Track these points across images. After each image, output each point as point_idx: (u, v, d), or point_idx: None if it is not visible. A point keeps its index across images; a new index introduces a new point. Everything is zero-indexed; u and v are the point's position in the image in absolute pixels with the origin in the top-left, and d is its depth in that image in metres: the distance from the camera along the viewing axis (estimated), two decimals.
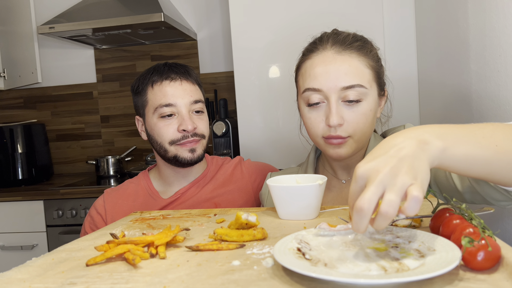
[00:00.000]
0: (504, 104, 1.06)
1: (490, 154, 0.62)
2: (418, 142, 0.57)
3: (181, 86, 1.15)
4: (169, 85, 1.15)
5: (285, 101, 1.92)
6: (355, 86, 0.91)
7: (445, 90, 1.55)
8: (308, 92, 0.95)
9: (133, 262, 0.59)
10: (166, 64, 1.20)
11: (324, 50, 0.96)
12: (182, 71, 1.18)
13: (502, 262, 0.51)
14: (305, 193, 0.79)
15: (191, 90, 1.16)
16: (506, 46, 1.03)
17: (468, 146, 0.61)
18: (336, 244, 0.61)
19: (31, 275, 0.59)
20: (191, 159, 1.16)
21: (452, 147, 0.59)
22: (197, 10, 2.53)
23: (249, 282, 0.51)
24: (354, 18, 1.82)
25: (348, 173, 1.05)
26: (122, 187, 1.27)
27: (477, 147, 0.61)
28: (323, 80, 0.92)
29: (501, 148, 0.62)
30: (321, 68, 0.93)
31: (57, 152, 2.74)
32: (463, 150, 0.60)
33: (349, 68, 0.92)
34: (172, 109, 1.14)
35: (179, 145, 1.15)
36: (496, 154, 0.62)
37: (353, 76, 0.92)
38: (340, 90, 0.92)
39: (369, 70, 0.94)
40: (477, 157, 0.61)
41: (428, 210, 0.77)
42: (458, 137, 0.61)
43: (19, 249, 2.13)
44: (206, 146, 1.21)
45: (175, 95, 1.14)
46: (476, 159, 0.61)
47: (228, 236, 0.68)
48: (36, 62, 2.46)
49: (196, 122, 1.16)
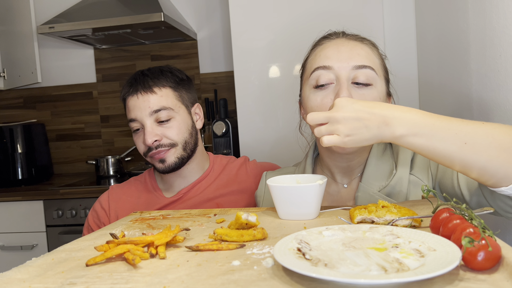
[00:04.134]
0: (504, 104, 1.06)
1: (453, 150, 0.68)
2: (381, 120, 0.69)
3: (138, 100, 1.15)
4: (131, 99, 1.16)
5: (285, 101, 1.92)
6: (366, 67, 0.90)
7: (446, 90, 1.55)
8: (318, 71, 0.91)
9: (133, 262, 0.59)
10: (135, 75, 1.20)
11: (337, 37, 0.96)
12: (141, 81, 1.16)
13: (502, 262, 0.51)
14: (305, 193, 0.79)
15: (149, 101, 1.14)
16: (506, 46, 1.03)
17: (429, 139, 0.68)
18: (336, 244, 0.61)
19: (31, 275, 0.59)
20: (163, 169, 1.17)
21: (411, 137, 0.69)
22: (197, 10, 2.53)
23: (249, 282, 0.51)
24: (354, 18, 1.81)
25: (348, 177, 1.00)
26: (127, 184, 1.29)
27: (439, 141, 0.68)
28: (334, 58, 0.91)
29: (470, 146, 0.67)
30: (333, 48, 0.92)
31: (57, 152, 2.74)
32: (422, 142, 0.68)
33: (361, 51, 0.92)
34: (137, 123, 1.16)
35: (150, 157, 1.17)
36: (461, 151, 0.68)
37: (365, 58, 0.91)
38: (351, 69, 0.89)
39: (379, 60, 0.95)
40: (436, 150, 0.69)
41: (428, 210, 0.77)
42: (427, 129, 0.68)
43: (19, 249, 2.13)
44: (184, 152, 1.18)
45: (135, 109, 1.15)
46: (435, 152, 0.69)
47: (228, 236, 0.68)
48: (36, 62, 2.45)
49: (163, 132, 1.15)
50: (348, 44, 0.93)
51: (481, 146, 0.67)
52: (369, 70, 0.90)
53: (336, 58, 0.90)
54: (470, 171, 0.70)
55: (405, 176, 0.93)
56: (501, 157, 0.67)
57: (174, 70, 1.22)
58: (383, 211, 0.73)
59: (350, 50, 0.91)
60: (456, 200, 0.63)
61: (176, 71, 1.22)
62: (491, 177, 0.69)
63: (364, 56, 0.91)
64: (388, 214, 0.72)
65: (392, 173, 0.95)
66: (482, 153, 0.67)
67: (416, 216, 0.71)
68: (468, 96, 1.29)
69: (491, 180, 0.70)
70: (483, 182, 0.72)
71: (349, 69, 0.89)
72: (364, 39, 0.96)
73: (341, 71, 0.89)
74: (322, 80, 0.90)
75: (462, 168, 0.71)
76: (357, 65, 0.89)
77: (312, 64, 0.95)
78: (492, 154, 0.67)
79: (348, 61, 0.90)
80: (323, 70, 0.90)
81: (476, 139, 0.67)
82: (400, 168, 0.95)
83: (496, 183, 0.70)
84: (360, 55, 0.91)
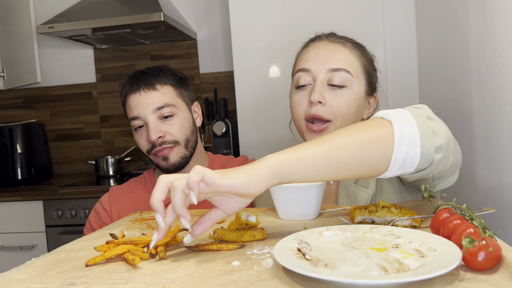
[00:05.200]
0: (505, 104, 1.06)
1: (324, 150, 0.65)
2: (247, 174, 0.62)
3: (141, 97, 1.15)
4: (133, 97, 1.17)
5: (285, 101, 1.91)
6: (341, 69, 0.97)
7: (446, 90, 1.55)
8: (298, 73, 1.00)
9: (133, 263, 0.59)
10: (134, 74, 1.21)
11: (321, 40, 1.03)
12: (142, 79, 1.17)
13: (502, 263, 0.51)
14: (305, 193, 0.79)
15: (152, 98, 1.15)
16: (506, 45, 1.03)
17: (296, 151, 0.65)
18: (337, 244, 0.61)
19: (30, 276, 0.59)
20: (166, 167, 1.17)
21: (280, 155, 0.64)
22: (197, 10, 2.53)
23: (249, 283, 0.51)
24: (354, 19, 1.81)
25: None
26: (128, 185, 1.29)
27: (306, 148, 0.65)
28: (313, 61, 0.99)
29: (336, 143, 0.66)
30: (314, 51, 1.01)
31: (57, 152, 2.74)
32: (291, 154, 0.64)
33: (339, 54, 0.99)
34: (139, 121, 1.16)
35: (154, 155, 1.17)
36: (330, 150, 0.65)
37: (341, 61, 0.98)
38: (327, 71, 0.97)
39: (358, 62, 1.00)
40: (310, 156, 0.64)
41: (428, 210, 0.77)
42: (292, 148, 0.66)
43: (19, 250, 2.13)
44: (187, 150, 1.18)
45: (137, 106, 1.15)
46: (310, 158, 0.64)
47: (228, 236, 0.68)
48: (36, 62, 2.45)
49: (166, 129, 1.15)
50: (328, 47, 1.00)
51: (345, 140, 0.66)
52: (344, 72, 0.97)
53: (315, 61, 0.99)
54: (354, 170, 0.68)
55: None
56: (367, 145, 0.66)
57: (172, 69, 1.23)
58: (384, 212, 0.73)
59: (328, 54, 0.99)
60: (456, 200, 0.63)
61: (174, 70, 1.24)
62: (371, 167, 0.68)
63: (341, 59, 0.98)
64: (389, 215, 0.72)
65: None
66: (350, 146, 0.66)
67: (416, 216, 0.71)
68: (468, 95, 1.29)
69: (372, 170, 0.69)
70: (370, 175, 0.70)
71: (324, 72, 0.98)
72: (346, 42, 1.01)
73: (318, 74, 0.98)
74: (301, 82, 1.00)
75: (346, 169, 0.67)
76: (332, 68, 0.97)
77: (296, 66, 1.04)
78: (358, 142, 0.67)
79: (324, 64, 0.98)
80: (303, 72, 1.00)
81: (338, 137, 0.67)
82: None
83: (377, 170, 0.69)
84: (336, 58, 0.98)
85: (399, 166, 0.68)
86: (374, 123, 0.69)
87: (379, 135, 0.67)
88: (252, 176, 0.62)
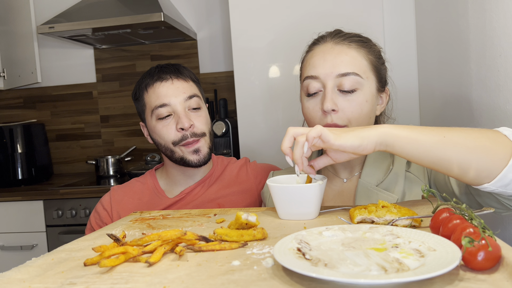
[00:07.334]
0: (504, 103, 1.06)
1: (434, 141, 0.72)
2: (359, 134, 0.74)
3: (172, 85, 1.15)
4: (161, 85, 1.15)
5: (285, 101, 1.92)
6: (350, 74, 0.94)
7: (445, 91, 1.55)
8: (307, 80, 0.98)
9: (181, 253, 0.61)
10: (157, 66, 1.21)
11: (325, 42, 1.00)
12: (172, 70, 1.18)
13: (502, 262, 0.51)
14: (305, 193, 0.79)
15: (183, 87, 1.16)
16: (506, 46, 1.03)
17: (410, 131, 0.73)
18: (336, 244, 0.61)
19: (30, 275, 0.59)
20: (198, 160, 1.16)
21: (395, 129, 0.73)
22: (197, 10, 2.53)
23: (249, 282, 0.51)
24: (354, 19, 1.81)
25: (349, 172, 1.05)
26: (129, 185, 1.28)
27: (419, 133, 0.73)
28: (321, 67, 0.96)
29: (448, 139, 0.72)
30: (320, 56, 0.98)
31: (57, 152, 2.74)
32: (405, 132, 0.73)
33: (345, 57, 0.96)
34: (167, 109, 1.15)
35: (182, 146, 1.15)
36: (440, 143, 0.72)
37: (349, 65, 0.95)
38: (336, 77, 0.95)
39: (366, 61, 0.98)
40: (419, 141, 0.72)
41: (428, 210, 0.77)
42: (407, 127, 0.74)
43: (19, 249, 2.13)
44: (211, 143, 1.20)
45: (168, 94, 1.15)
46: (418, 143, 0.72)
47: (228, 236, 0.68)
48: (36, 62, 2.45)
49: (193, 120, 1.16)
50: (333, 51, 0.97)
51: (458, 139, 0.72)
52: (353, 76, 0.95)
53: (322, 67, 0.96)
54: (451, 167, 0.73)
55: (401, 172, 0.98)
56: (478, 152, 0.71)
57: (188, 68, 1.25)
58: (383, 211, 0.73)
59: (335, 58, 0.96)
60: (456, 200, 0.63)
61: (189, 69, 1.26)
62: (472, 173, 0.72)
63: (348, 62, 0.96)
64: (388, 214, 0.72)
65: (389, 169, 1.00)
66: (460, 147, 0.71)
67: (416, 216, 0.71)
68: (467, 96, 1.29)
69: (470, 176, 0.73)
70: (466, 179, 0.74)
71: (333, 77, 0.95)
72: (351, 42, 0.99)
73: (327, 80, 0.95)
74: (311, 90, 0.97)
75: (443, 164, 0.73)
76: (341, 73, 0.95)
77: (303, 72, 1.02)
78: (470, 147, 0.71)
79: (332, 70, 0.95)
80: (311, 80, 0.97)
81: (453, 134, 0.72)
82: (396, 164, 1.00)
83: (476, 179, 0.73)
84: (344, 62, 0.95)
85: (503, 184, 0.71)
86: (494, 136, 0.73)
87: (494, 149, 0.71)
88: (363, 140, 0.73)
